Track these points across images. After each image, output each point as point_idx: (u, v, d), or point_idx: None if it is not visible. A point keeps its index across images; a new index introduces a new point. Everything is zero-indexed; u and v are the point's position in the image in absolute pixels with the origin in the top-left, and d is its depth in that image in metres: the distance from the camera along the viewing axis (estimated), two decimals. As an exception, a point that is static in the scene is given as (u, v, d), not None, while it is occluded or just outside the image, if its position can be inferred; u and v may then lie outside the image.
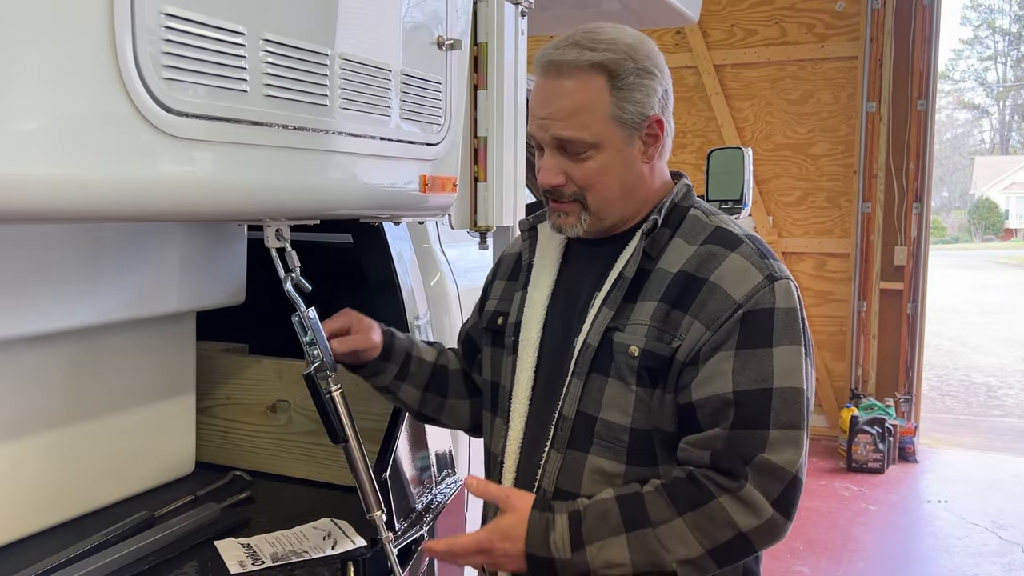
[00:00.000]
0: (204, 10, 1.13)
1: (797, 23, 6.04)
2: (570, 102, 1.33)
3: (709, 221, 1.40)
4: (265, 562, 1.64)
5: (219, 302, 2.02)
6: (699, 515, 1.25)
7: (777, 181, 6.20)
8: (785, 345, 1.30)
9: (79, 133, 1.00)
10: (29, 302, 1.60)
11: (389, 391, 1.67)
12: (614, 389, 1.34)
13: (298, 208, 1.42)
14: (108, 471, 1.87)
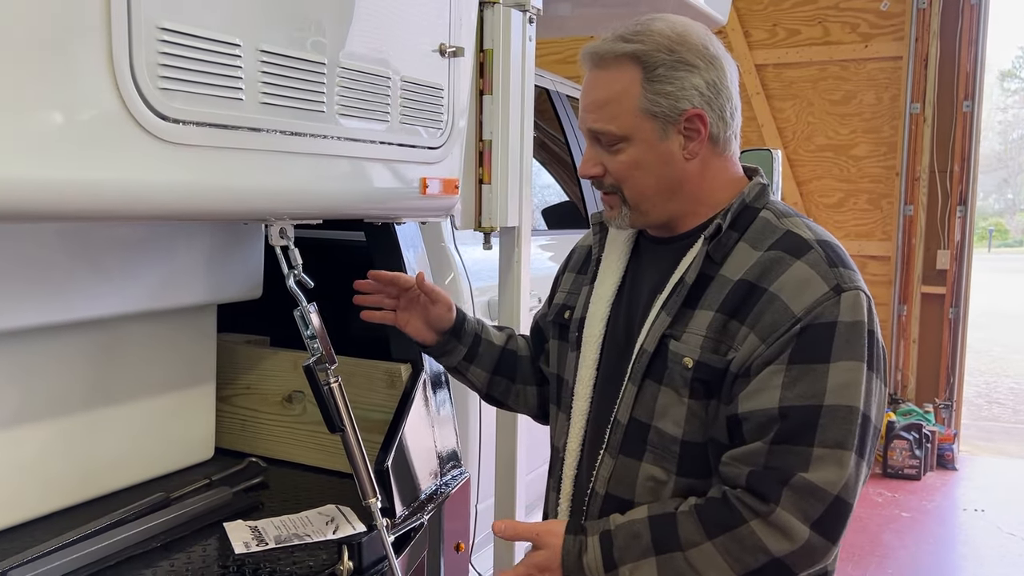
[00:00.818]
0: (200, 24, 1.20)
1: (840, 23, 5.96)
2: (602, 94, 1.32)
3: (780, 224, 1.33)
4: (269, 544, 1.72)
5: (237, 296, 2.12)
6: (729, 539, 1.20)
7: (818, 182, 6.14)
8: (845, 360, 1.21)
9: (78, 139, 1.09)
10: (57, 292, 1.71)
11: (459, 371, 1.70)
12: (667, 398, 1.31)
13: (297, 209, 1.50)
14: (130, 454, 1.98)
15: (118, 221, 1.63)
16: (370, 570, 1.65)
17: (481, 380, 1.70)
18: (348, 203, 1.58)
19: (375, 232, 2.08)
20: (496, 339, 1.70)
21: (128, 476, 1.98)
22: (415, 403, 2.01)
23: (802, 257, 1.27)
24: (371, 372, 2.09)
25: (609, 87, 1.32)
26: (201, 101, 1.22)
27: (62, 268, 1.71)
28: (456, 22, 1.75)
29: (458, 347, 1.66)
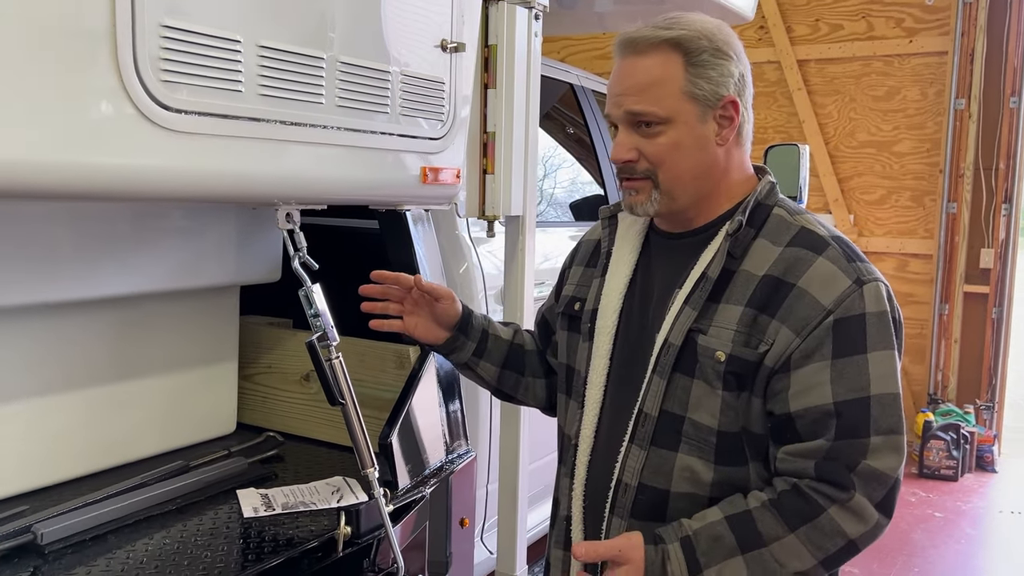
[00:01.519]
0: (201, 21, 1.31)
1: (885, 17, 5.89)
2: (644, 77, 1.35)
3: (794, 221, 1.38)
4: (276, 509, 1.83)
5: (257, 278, 2.24)
6: (811, 529, 1.26)
7: (859, 179, 6.07)
8: (879, 350, 1.30)
9: (87, 126, 1.20)
10: (89, 270, 1.85)
11: (468, 367, 1.72)
12: (700, 391, 1.35)
13: (299, 194, 1.60)
14: (155, 425, 2.12)
15: (126, 202, 1.75)
16: (367, 536, 1.75)
17: (491, 375, 1.72)
18: (349, 190, 1.68)
19: (387, 220, 2.19)
20: (503, 334, 1.73)
21: (153, 446, 2.12)
22: (422, 383, 2.10)
23: (823, 253, 1.33)
24: (382, 353, 2.20)
25: (650, 71, 1.35)
26: (202, 93, 1.33)
27: (94, 248, 1.85)
28: (458, 19, 1.83)
29: (467, 343, 1.69)
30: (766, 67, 6.23)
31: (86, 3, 1.17)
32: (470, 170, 2.03)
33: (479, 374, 1.73)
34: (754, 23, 6.17)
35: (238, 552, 1.67)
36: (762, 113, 6.29)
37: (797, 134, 6.12)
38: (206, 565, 1.61)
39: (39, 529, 1.63)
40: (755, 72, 1.43)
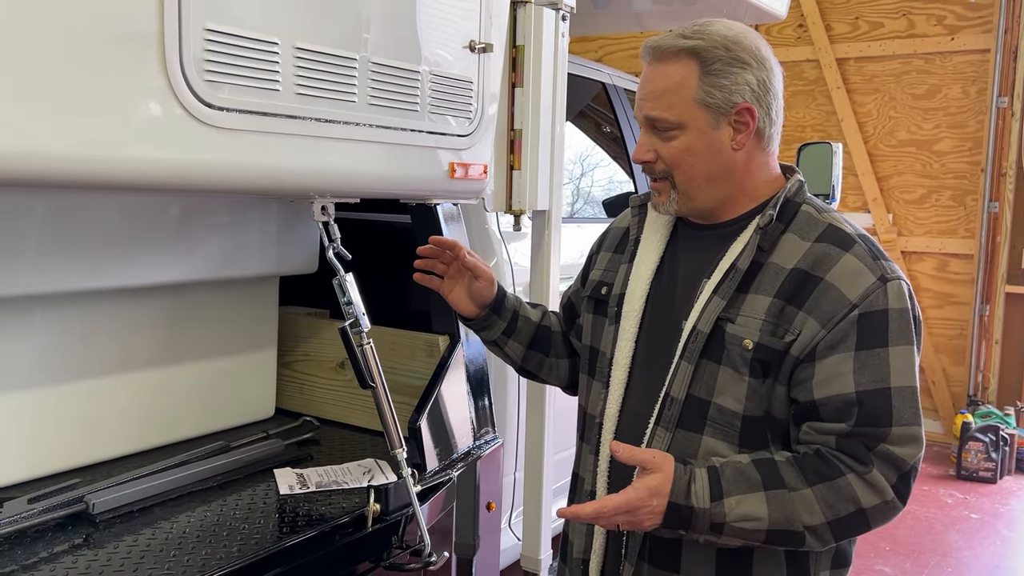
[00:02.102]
0: (242, 25, 1.41)
1: (926, 15, 5.84)
2: (660, 84, 1.43)
3: (821, 218, 1.44)
4: (310, 488, 1.93)
5: (295, 269, 2.35)
6: (827, 488, 1.32)
7: (899, 178, 6.03)
8: (900, 345, 1.35)
9: (136, 123, 1.31)
10: (137, 259, 1.97)
11: (496, 345, 1.81)
12: (727, 376, 1.40)
13: (332, 188, 1.70)
14: (199, 408, 2.24)
15: (173, 194, 1.86)
16: (395, 513, 1.84)
17: (518, 354, 1.80)
18: (380, 184, 1.77)
19: (419, 215, 2.27)
20: (532, 316, 1.81)
21: (196, 427, 2.23)
22: (450, 371, 2.19)
23: (850, 250, 1.39)
24: (412, 342, 2.29)
25: (668, 78, 1.43)
26: (242, 91, 1.43)
27: (142, 238, 1.97)
28: (486, 20, 1.91)
29: (498, 322, 1.77)
30: (804, 65, 6.22)
31: (137, 10, 1.27)
32: (497, 166, 2.11)
33: (506, 352, 1.81)
34: (792, 21, 6.17)
35: (274, 526, 1.77)
36: (800, 112, 6.28)
37: (836, 133, 6.09)
38: (244, 537, 1.71)
39: (91, 500, 1.74)
40: (793, 70, 1.50)
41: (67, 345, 1.94)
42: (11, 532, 1.63)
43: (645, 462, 1.36)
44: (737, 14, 3.47)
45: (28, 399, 1.88)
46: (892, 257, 5.60)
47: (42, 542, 1.65)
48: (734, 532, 1.34)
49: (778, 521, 1.32)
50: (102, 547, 1.65)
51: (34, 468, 1.90)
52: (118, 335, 2.03)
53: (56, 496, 1.76)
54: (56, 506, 1.73)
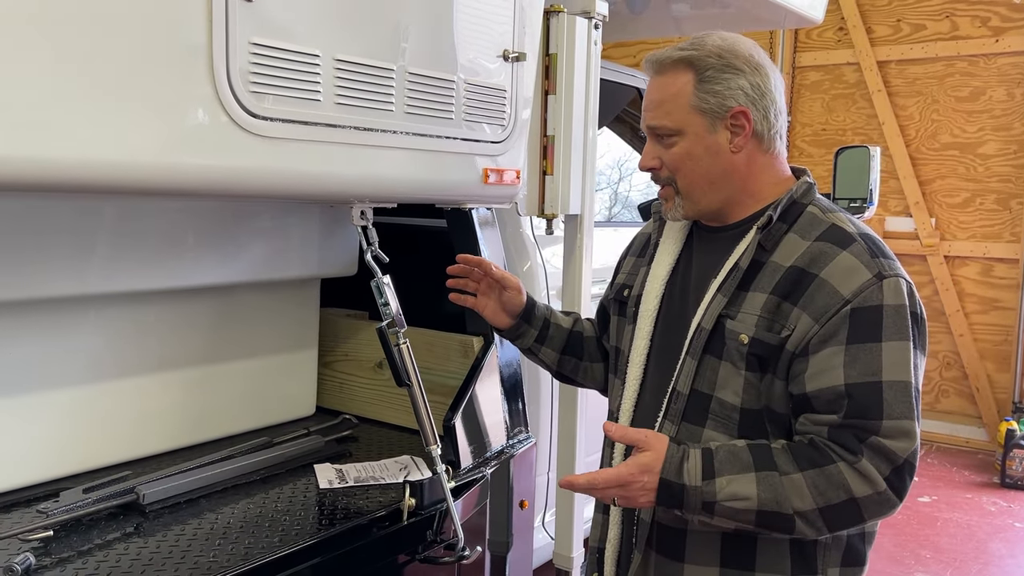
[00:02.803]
0: (285, 38, 1.48)
1: (970, 16, 5.77)
2: (659, 94, 1.51)
3: (825, 218, 1.47)
4: (348, 482, 2.00)
5: (336, 272, 2.43)
6: (818, 475, 1.34)
7: (942, 182, 5.95)
8: (894, 341, 1.37)
9: (186, 131, 1.38)
10: (185, 262, 2.06)
11: (532, 352, 1.87)
12: (727, 371, 1.45)
13: (371, 193, 1.76)
14: (244, 405, 2.32)
15: (219, 199, 1.95)
16: (430, 508, 1.90)
17: (552, 359, 1.86)
18: (416, 190, 1.83)
19: (455, 219, 2.34)
20: (564, 323, 1.87)
21: (241, 424, 2.32)
22: (484, 372, 2.25)
23: (847, 248, 1.42)
24: (448, 343, 2.35)
25: (666, 88, 1.50)
26: (285, 102, 1.50)
27: (189, 242, 2.06)
28: (520, 30, 1.97)
29: (529, 330, 1.84)
30: (845, 69, 6.17)
31: (188, 25, 1.35)
32: (531, 171, 2.16)
33: (541, 358, 1.88)
34: (832, 25, 6.13)
35: (313, 518, 1.84)
36: (840, 115, 6.24)
37: (877, 136, 6.04)
38: (285, 528, 1.78)
39: (141, 491, 1.83)
40: (833, 74, 1.53)
41: (120, 344, 2.03)
42: (67, 520, 1.73)
43: (637, 441, 1.42)
44: (775, 18, 3.48)
45: (83, 395, 1.98)
46: (934, 263, 5.50)
47: (96, 530, 1.74)
48: (725, 512, 1.37)
49: (767, 502, 1.35)
50: (151, 535, 1.73)
51: (89, 460, 2.00)
52: (167, 335, 2.13)
53: (109, 487, 1.85)
54: (109, 496, 1.82)
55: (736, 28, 5.49)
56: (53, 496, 1.81)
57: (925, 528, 4.50)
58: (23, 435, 1.88)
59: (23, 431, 1.88)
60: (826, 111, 6.31)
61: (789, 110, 6.31)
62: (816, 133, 6.36)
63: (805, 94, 6.39)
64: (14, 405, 1.87)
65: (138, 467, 2.03)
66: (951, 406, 5.99)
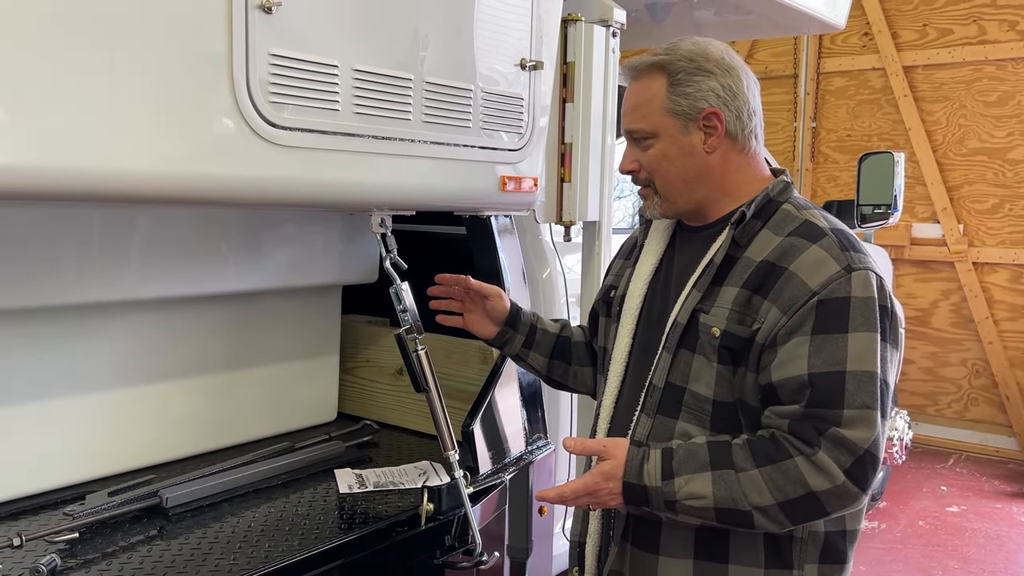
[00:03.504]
0: (304, 49, 1.51)
1: (997, 20, 5.70)
2: (635, 99, 1.57)
3: (799, 215, 1.51)
4: (368, 487, 2.02)
5: (356, 279, 2.46)
6: (774, 470, 1.36)
7: (970, 187, 5.88)
8: (861, 332, 1.38)
9: (208, 141, 1.41)
10: (208, 269, 2.10)
11: (520, 358, 1.92)
12: (699, 364, 1.49)
13: (390, 201, 1.78)
14: (266, 411, 2.35)
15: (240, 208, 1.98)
16: (448, 513, 1.92)
17: (541, 364, 1.90)
18: (435, 197, 1.85)
19: (474, 227, 2.36)
20: (551, 328, 1.91)
21: (263, 429, 2.35)
22: (503, 378, 2.26)
23: (817, 242, 1.45)
24: (467, 349, 2.37)
25: (640, 93, 1.56)
26: (304, 111, 1.52)
27: (214, 249, 2.09)
28: (537, 39, 1.98)
29: (515, 336, 1.89)
30: (870, 74, 6.13)
31: (208, 37, 1.38)
32: (548, 178, 2.17)
33: (530, 363, 1.92)
34: (857, 30, 6.09)
35: (333, 523, 1.86)
36: (866, 120, 6.19)
37: (903, 142, 5.99)
38: (305, 532, 1.80)
39: (165, 494, 1.87)
40: (858, 79, 1.54)
41: (145, 350, 2.07)
42: (93, 522, 1.76)
43: (596, 451, 1.49)
44: (798, 24, 3.47)
45: (110, 400, 2.02)
46: (962, 269, 5.43)
47: (120, 532, 1.77)
48: (685, 510, 1.41)
49: (723, 500, 1.37)
50: (174, 538, 1.76)
51: (114, 464, 2.04)
52: (192, 341, 2.16)
53: (133, 490, 1.89)
54: (133, 500, 1.85)
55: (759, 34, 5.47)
56: (79, 499, 1.85)
57: (954, 538, 4.44)
58: (51, 439, 1.92)
59: (51, 435, 1.92)
60: (851, 117, 6.26)
61: (814, 116, 6.35)
62: (841, 139, 6.32)
63: (830, 100, 6.35)
64: (43, 409, 1.91)
65: (162, 471, 2.07)
66: (980, 415, 5.91)
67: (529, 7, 1.95)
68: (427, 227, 2.51)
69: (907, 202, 5.73)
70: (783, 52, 6.47)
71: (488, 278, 2.37)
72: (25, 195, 1.27)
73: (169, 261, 2.01)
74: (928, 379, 6.08)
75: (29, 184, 1.24)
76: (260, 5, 1.42)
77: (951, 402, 6.01)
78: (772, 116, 6.66)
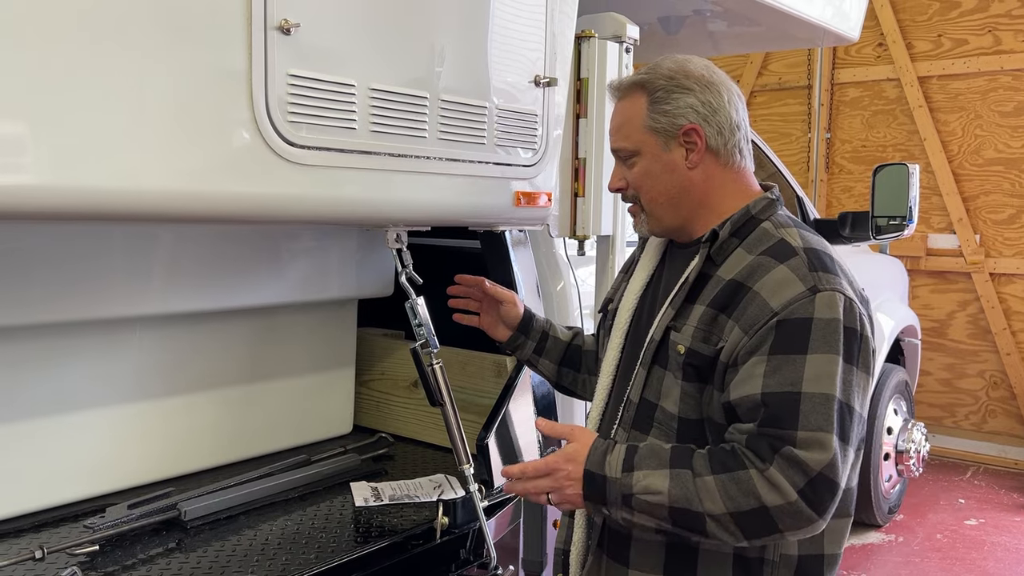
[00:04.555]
0: (322, 70, 1.53)
1: (1013, 31, 5.68)
2: (618, 118, 1.60)
3: (776, 233, 1.50)
4: (384, 500, 2.04)
5: (372, 293, 2.48)
6: (728, 479, 1.35)
7: (986, 198, 5.85)
8: (821, 353, 1.36)
9: (227, 160, 1.44)
10: (225, 283, 2.12)
11: (531, 363, 1.96)
12: (669, 381, 1.50)
13: (406, 217, 1.80)
14: (282, 424, 2.38)
15: (258, 225, 2.01)
16: (463, 527, 1.93)
17: (550, 370, 1.93)
18: (450, 213, 1.87)
19: (488, 240, 2.37)
20: (563, 336, 1.94)
21: (280, 442, 2.37)
22: (517, 391, 2.27)
23: (785, 262, 1.44)
24: (481, 362, 2.38)
25: (623, 113, 1.59)
26: (322, 130, 1.55)
27: (232, 264, 2.12)
28: (551, 55, 2.00)
29: (527, 342, 1.92)
30: (885, 84, 6.12)
31: (228, 58, 1.41)
32: (562, 193, 2.19)
33: (540, 369, 1.95)
34: (871, 41, 6.09)
35: (349, 535, 1.88)
36: (881, 131, 6.18)
37: (918, 152, 5.97)
38: (321, 545, 1.82)
39: (183, 507, 1.89)
40: (873, 90, 1.54)
41: (164, 364, 2.10)
42: (112, 535, 1.79)
43: (563, 434, 1.51)
44: (811, 37, 3.48)
45: (129, 413, 2.04)
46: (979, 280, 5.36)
47: (139, 545, 1.80)
48: (641, 505, 1.39)
49: (678, 499, 1.36)
50: (192, 551, 1.78)
51: (133, 477, 2.06)
52: (210, 355, 2.19)
53: (152, 503, 1.91)
54: (152, 512, 1.88)
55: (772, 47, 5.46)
56: (99, 512, 1.87)
57: (972, 552, 4.40)
58: (72, 452, 1.95)
59: (71, 448, 1.95)
60: (866, 127, 6.25)
61: (828, 127, 6.34)
62: (856, 150, 6.31)
63: (844, 111, 6.34)
64: (63, 423, 1.94)
65: (180, 484, 2.09)
66: (999, 427, 5.86)
67: (543, 24, 1.97)
68: (441, 241, 2.53)
69: (923, 213, 5.71)
70: (797, 63, 6.47)
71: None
72: (45, 215, 1.30)
73: (188, 276, 2.04)
74: (945, 391, 6.03)
75: (49, 204, 1.27)
76: (279, 26, 1.45)
77: (969, 414, 5.97)
78: (786, 127, 6.66)
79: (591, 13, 2.22)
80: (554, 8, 1.99)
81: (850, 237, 3.84)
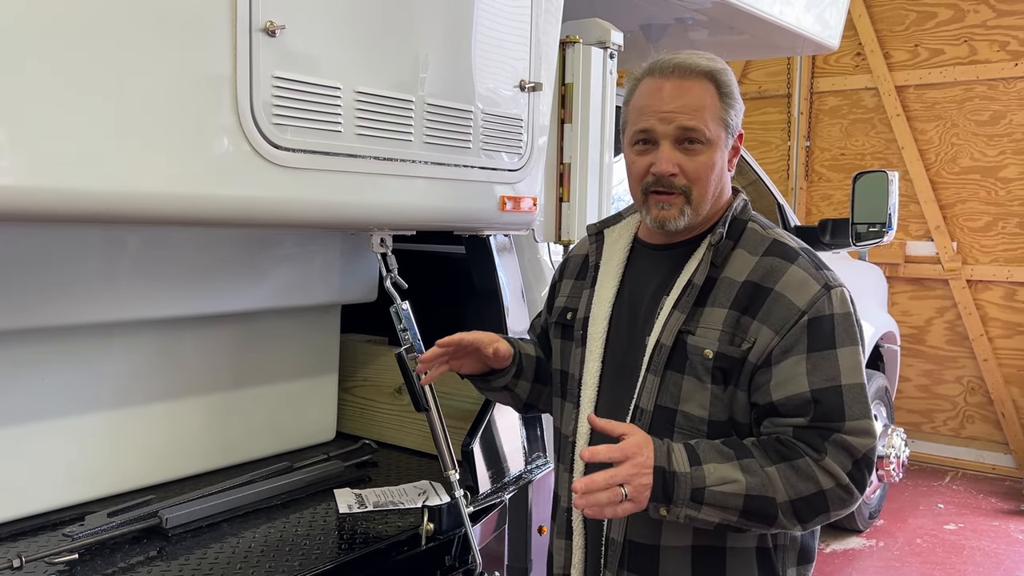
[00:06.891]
0: (307, 72, 1.53)
1: (988, 41, 5.76)
2: (694, 100, 1.48)
3: (767, 234, 1.55)
4: (368, 507, 2.02)
5: (356, 298, 2.46)
6: (788, 467, 1.39)
7: (963, 205, 5.92)
8: (847, 346, 1.45)
9: (211, 162, 1.43)
10: (205, 288, 2.10)
11: (507, 389, 1.80)
12: (691, 386, 1.48)
13: (390, 221, 1.80)
14: (265, 430, 2.35)
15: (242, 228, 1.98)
16: (448, 533, 1.91)
17: (525, 391, 1.80)
18: (435, 217, 1.87)
19: (473, 246, 2.37)
20: (530, 350, 1.82)
21: (262, 448, 2.35)
22: (503, 396, 2.25)
23: (795, 262, 1.50)
24: (466, 369, 2.36)
25: (697, 96, 1.49)
26: (307, 133, 1.54)
27: (213, 269, 2.10)
28: (536, 61, 2.00)
29: (511, 367, 1.77)
30: (863, 93, 6.18)
31: (213, 60, 1.40)
32: (547, 198, 2.19)
33: (516, 392, 1.80)
34: (850, 50, 6.15)
35: (333, 543, 1.86)
36: (859, 140, 6.24)
37: (896, 160, 6.03)
38: (305, 552, 1.80)
39: (164, 515, 1.86)
40: (851, 99, 1.58)
41: (144, 370, 2.07)
42: (92, 543, 1.76)
43: (624, 431, 1.40)
44: (792, 45, 3.51)
45: (109, 420, 2.01)
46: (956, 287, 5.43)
47: (120, 553, 1.77)
48: (714, 498, 1.37)
49: (754, 486, 1.38)
50: (174, 559, 1.76)
51: (113, 484, 2.03)
52: (191, 361, 2.16)
53: (133, 511, 1.88)
54: (133, 520, 1.85)
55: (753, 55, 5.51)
56: (79, 520, 1.84)
57: (951, 556, 4.44)
58: (50, 459, 1.92)
59: (50, 455, 1.92)
60: (844, 136, 6.31)
61: (807, 135, 6.39)
62: (835, 158, 6.36)
63: (823, 119, 6.40)
64: (41, 430, 1.90)
65: (161, 491, 2.06)
66: (976, 432, 5.92)
67: (528, 29, 1.97)
68: (426, 246, 2.52)
69: (901, 220, 5.75)
70: (776, 72, 6.52)
71: (487, 297, 2.38)
72: (29, 217, 1.29)
73: (169, 281, 2.01)
74: (924, 396, 6.09)
75: (33, 206, 1.26)
76: (264, 28, 1.44)
77: (947, 419, 6.03)
78: (766, 135, 6.71)
79: (575, 19, 2.23)
80: (539, 13, 1.99)
81: (830, 244, 3.87)
